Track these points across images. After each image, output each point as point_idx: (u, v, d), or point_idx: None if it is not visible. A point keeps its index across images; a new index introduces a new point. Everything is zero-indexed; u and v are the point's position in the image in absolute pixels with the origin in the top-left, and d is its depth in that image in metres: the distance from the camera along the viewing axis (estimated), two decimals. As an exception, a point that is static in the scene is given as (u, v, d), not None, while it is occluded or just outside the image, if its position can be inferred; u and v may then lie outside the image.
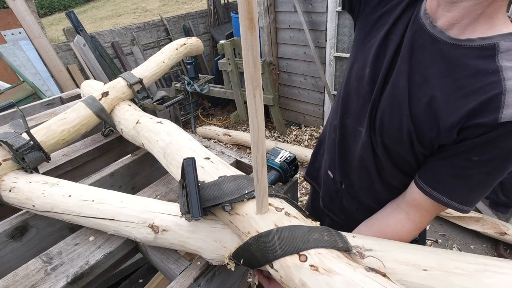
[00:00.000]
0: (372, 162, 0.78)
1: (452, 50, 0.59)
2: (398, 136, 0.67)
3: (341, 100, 0.85)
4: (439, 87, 0.60)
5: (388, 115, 0.69)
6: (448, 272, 0.50)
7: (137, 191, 1.04)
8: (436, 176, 0.64)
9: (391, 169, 0.75)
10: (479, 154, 0.57)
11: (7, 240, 0.86)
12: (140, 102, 1.21)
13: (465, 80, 0.57)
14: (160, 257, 0.77)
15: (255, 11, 0.37)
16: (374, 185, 0.82)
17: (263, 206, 0.58)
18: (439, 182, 0.64)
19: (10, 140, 0.90)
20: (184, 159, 0.63)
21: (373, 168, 0.79)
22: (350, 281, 0.47)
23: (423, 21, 0.64)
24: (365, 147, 0.78)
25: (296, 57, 3.54)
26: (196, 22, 5.29)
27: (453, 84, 0.58)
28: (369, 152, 0.77)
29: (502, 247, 2.10)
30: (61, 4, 12.66)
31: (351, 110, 0.82)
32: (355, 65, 0.77)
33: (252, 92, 0.43)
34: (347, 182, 0.90)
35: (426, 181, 0.66)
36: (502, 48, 0.54)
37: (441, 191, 0.64)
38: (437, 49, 0.61)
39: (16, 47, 3.21)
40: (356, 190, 0.88)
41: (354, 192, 0.89)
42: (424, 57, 0.63)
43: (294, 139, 3.70)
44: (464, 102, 0.56)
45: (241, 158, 1.09)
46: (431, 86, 0.61)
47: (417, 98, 0.63)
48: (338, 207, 0.97)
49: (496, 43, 0.55)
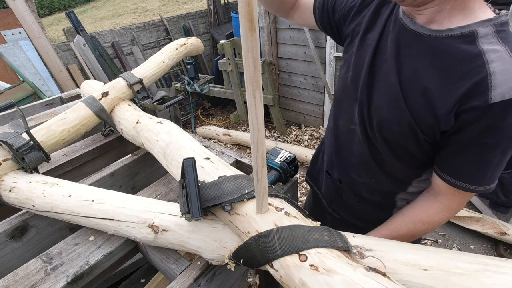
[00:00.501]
0: (370, 157, 0.83)
1: (435, 42, 0.63)
2: (399, 129, 0.71)
3: (334, 103, 0.93)
4: (429, 77, 0.64)
5: (386, 111, 0.72)
6: (448, 272, 0.50)
7: (137, 191, 1.04)
8: (457, 167, 0.67)
9: (392, 161, 0.79)
10: (488, 137, 0.60)
11: (7, 240, 0.86)
12: (140, 102, 1.21)
13: (452, 67, 0.61)
14: (160, 257, 0.77)
15: (255, 12, 0.37)
16: (375, 178, 0.86)
17: (263, 206, 0.58)
18: (461, 173, 0.67)
19: (10, 140, 0.90)
20: (184, 159, 0.63)
21: (373, 162, 0.83)
22: (350, 280, 0.47)
23: (404, 21, 0.69)
24: (362, 143, 0.83)
25: (296, 57, 3.54)
26: (196, 22, 5.29)
27: (442, 72, 0.62)
28: (367, 148, 0.82)
29: (502, 247, 2.10)
30: (61, 4, 12.66)
31: (342, 111, 0.88)
32: (342, 70, 0.87)
33: (252, 93, 0.43)
34: (346, 180, 0.93)
35: (448, 173, 0.69)
36: (480, 34, 0.59)
37: (465, 180, 0.67)
38: (422, 43, 0.65)
39: (16, 47, 3.21)
40: (357, 187, 0.92)
41: (355, 189, 0.92)
42: (411, 52, 0.67)
43: (294, 139, 3.70)
44: (455, 87, 0.60)
45: (241, 158, 1.09)
46: (422, 77, 0.65)
47: (411, 91, 0.67)
48: (339, 205, 1.00)
49: (474, 30, 0.59)
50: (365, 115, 0.78)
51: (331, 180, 1.00)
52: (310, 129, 3.78)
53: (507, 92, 0.55)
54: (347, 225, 1.00)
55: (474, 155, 0.64)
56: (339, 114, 0.90)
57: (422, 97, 0.65)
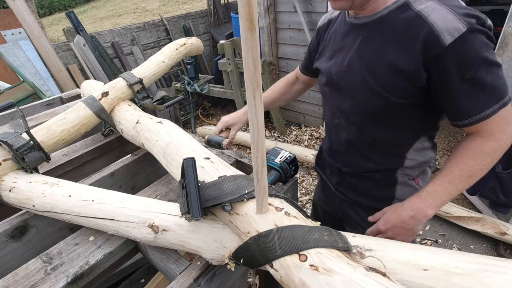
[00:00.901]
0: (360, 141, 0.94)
1: (381, 21, 0.78)
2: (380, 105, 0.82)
3: (322, 105, 1.09)
4: (389, 51, 0.76)
5: (363, 97, 0.84)
6: (448, 272, 0.50)
7: (137, 191, 1.04)
8: (465, 108, 0.73)
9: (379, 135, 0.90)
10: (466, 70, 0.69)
11: (7, 240, 0.86)
12: (140, 102, 1.21)
13: (402, 34, 0.74)
14: (160, 257, 0.77)
15: (255, 12, 0.37)
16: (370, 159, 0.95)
17: (263, 206, 0.58)
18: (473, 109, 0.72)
19: (10, 140, 0.90)
20: (184, 159, 0.63)
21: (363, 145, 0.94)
22: (350, 280, 0.47)
23: (350, 21, 0.86)
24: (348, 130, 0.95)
25: (296, 57, 3.54)
26: (196, 22, 5.29)
27: (396, 41, 0.75)
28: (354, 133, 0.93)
29: (502, 247, 2.10)
30: (61, 4, 12.66)
31: (326, 110, 1.04)
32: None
33: (252, 93, 0.43)
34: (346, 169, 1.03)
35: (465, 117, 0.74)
36: (411, 0, 0.74)
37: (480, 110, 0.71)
38: (372, 28, 0.80)
39: (16, 47, 3.21)
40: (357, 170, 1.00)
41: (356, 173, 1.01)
42: (366, 39, 0.81)
43: (294, 139, 3.70)
44: (411, 47, 0.72)
45: (241, 158, 1.09)
46: (384, 53, 0.77)
47: (378, 69, 0.79)
48: (344, 187, 1.08)
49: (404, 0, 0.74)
50: (342, 104, 0.92)
51: (334, 168, 1.09)
52: (310, 129, 3.78)
53: (453, 32, 0.66)
54: (355, 205, 1.06)
55: (469, 90, 0.71)
56: (325, 113, 1.06)
57: (389, 70, 0.76)
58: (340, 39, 0.90)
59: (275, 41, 3.61)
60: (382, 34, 0.77)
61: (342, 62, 0.88)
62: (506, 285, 0.47)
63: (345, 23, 0.88)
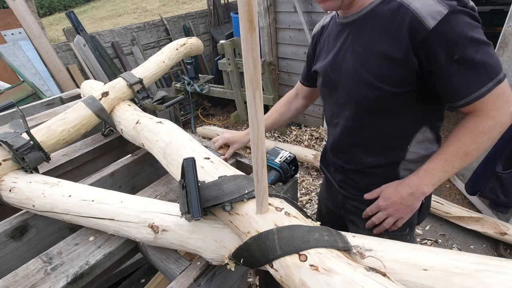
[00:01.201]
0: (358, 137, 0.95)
1: (368, 16, 0.81)
2: (375, 96, 0.83)
3: (323, 106, 1.11)
4: (379, 42, 0.79)
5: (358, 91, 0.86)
6: (448, 272, 0.50)
7: (137, 191, 1.04)
8: (460, 88, 0.74)
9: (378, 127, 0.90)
10: (454, 51, 0.70)
11: (7, 240, 0.86)
12: (140, 102, 1.21)
13: (389, 25, 0.77)
14: (160, 257, 0.77)
15: (255, 12, 0.37)
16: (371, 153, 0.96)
17: (263, 206, 0.58)
18: (467, 88, 0.73)
19: (10, 140, 0.90)
20: (184, 159, 0.63)
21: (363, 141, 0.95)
22: (350, 280, 0.47)
23: (340, 21, 0.90)
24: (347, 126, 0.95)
25: (296, 57, 3.54)
26: (196, 22, 5.29)
27: (384, 32, 0.78)
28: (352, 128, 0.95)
29: (502, 247, 2.10)
30: (61, 4, 12.66)
31: (326, 110, 1.07)
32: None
33: (252, 93, 0.43)
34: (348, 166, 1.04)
35: (461, 97, 0.75)
36: None
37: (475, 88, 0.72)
38: (360, 23, 0.83)
39: (16, 47, 3.21)
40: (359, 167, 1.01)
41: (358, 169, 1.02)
42: (357, 35, 0.84)
43: (294, 139, 3.70)
44: (400, 35, 0.75)
45: (241, 158, 1.10)
46: (375, 44, 0.80)
47: (370, 61, 0.81)
48: (347, 184, 1.09)
49: None
50: (340, 101, 0.94)
51: (337, 166, 1.10)
52: (310, 129, 3.77)
53: (435, 15, 0.69)
54: (357, 201, 1.06)
55: (460, 70, 0.72)
56: (326, 113, 1.08)
57: (381, 59, 0.79)
58: (333, 40, 0.93)
59: (275, 41, 3.61)
60: (370, 28, 0.81)
61: (337, 60, 0.91)
62: (506, 285, 0.47)
63: (336, 25, 0.92)
